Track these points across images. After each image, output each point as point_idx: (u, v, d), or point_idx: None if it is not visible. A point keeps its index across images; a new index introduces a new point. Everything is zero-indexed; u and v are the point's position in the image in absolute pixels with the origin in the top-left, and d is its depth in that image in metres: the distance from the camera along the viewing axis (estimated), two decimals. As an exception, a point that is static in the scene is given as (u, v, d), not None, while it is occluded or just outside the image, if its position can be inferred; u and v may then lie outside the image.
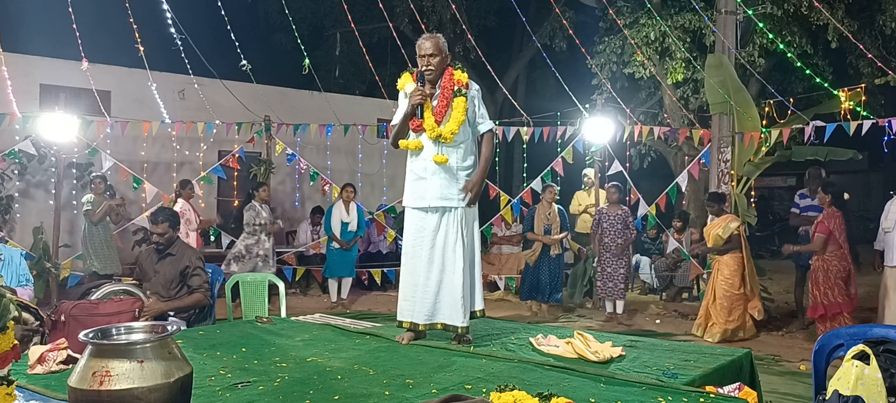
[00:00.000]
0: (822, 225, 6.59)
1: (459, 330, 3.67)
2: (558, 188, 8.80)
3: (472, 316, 3.81)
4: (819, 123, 7.94)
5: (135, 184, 9.40)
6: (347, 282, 9.33)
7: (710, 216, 7.59)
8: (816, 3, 9.52)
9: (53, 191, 9.12)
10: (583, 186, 10.06)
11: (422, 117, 3.70)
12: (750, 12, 8.82)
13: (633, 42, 10.78)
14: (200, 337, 3.88)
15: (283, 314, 4.93)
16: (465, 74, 3.82)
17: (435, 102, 3.72)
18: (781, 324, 7.82)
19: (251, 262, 8.57)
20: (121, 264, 8.59)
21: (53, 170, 9.26)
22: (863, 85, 9.32)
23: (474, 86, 3.85)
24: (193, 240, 8.40)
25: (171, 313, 4.57)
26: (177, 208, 8.38)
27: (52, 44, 10.34)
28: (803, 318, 7.49)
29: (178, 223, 4.95)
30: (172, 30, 8.31)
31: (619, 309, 8.10)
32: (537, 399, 2.45)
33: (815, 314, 6.69)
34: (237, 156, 9.88)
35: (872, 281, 7.85)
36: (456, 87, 3.73)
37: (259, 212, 8.66)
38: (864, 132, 7.49)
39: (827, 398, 2.57)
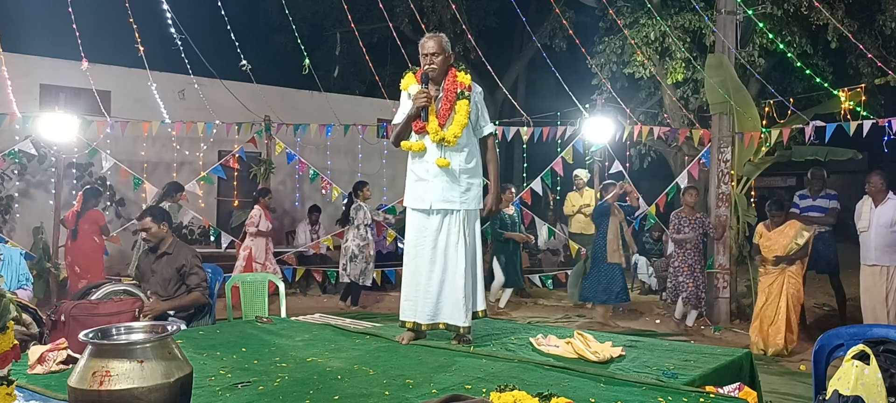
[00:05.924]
0: None
1: (461, 330, 3.67)
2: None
3: (474, 316, 3.81)
4: (819, 123, 7.94)
5: (135, 184, 9.40)
6: None
7: (766, 225, 6.96)
8: (816, 3, 9.51)
9: (53, 191, 9.12)
10: (574, 188, 10.07)
11: (426, 119, 3.69)
12: (750, 12, 8.81)
13: (633, 42, 10.77)
14: (200, 337, 3.88)
15: (283, 314, 4.92)
16: (468, 76, 3.79)
17: (438, 105, 3.71)
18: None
19: (362, 263, 8.70)
20: (119, 264, 8.61)
21: (53, 170, 9.26)
22: (863, 85, 9.30)
23: (477, 89, 3.82)
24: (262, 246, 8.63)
25: (171, 312, 4.58)
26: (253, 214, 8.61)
27: (52, 44, 10.35)
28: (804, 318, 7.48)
29: (169, 221, 4.94)
30: (172, 30, 8.31)
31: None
32: (537, 399, 2.45)
33: None
34: (237, 156, 9.88)
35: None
36: (459, 90, 3.71)
37: (366, 212, 8.77)
38: (864, 132, 7.49)
39: (827, 398, 2.57)
